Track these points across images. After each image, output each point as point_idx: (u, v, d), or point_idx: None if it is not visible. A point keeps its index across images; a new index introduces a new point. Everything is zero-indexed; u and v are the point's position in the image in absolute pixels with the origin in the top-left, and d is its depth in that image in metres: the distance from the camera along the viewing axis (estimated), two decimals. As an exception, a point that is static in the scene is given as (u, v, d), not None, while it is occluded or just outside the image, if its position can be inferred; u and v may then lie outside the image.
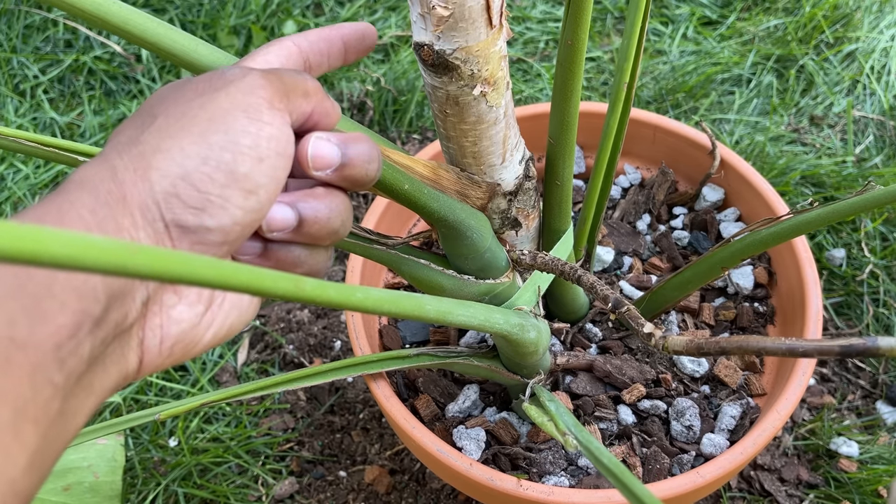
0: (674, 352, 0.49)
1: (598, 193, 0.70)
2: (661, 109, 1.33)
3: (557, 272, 0.62)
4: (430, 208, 0.54)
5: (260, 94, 0.38)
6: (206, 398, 0.62)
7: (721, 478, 0.66)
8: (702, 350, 0.47)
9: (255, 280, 0.28)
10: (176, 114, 0.37)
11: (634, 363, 0.77)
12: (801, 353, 0.41)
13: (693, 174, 0.95)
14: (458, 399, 0.78)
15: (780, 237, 0.63)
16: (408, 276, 0.61)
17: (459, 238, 0.58)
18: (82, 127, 1.35)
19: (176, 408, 0.62)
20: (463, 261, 0.60)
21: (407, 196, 0.51)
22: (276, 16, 1.48)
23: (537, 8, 1.52)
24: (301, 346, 1.07)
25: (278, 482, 0.95)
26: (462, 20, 0.47)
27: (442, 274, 0.61)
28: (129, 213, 0.35)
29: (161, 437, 0.99)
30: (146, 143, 0.36)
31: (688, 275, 0.71)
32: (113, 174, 0.35)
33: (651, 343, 0.52)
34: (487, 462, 0.74)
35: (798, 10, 1.47)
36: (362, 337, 0.76)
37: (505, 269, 0.63)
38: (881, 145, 1.27)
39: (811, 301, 0.76)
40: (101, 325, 0.33)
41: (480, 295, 0.62)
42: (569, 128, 0.59)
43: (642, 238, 0.92)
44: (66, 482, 0.75)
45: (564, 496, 0.63)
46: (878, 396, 1.01)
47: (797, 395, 0.69)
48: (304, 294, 0.31)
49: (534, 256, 0.64)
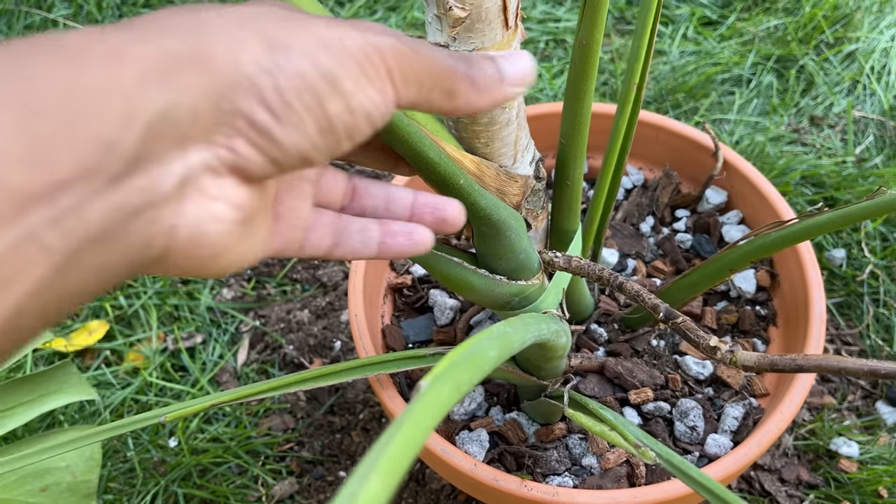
0: (743, 367, 0.48)
1: (605, 194, 0.70)
2: (661, 109, 1.33)
3: (594, 277, 0.61)
4: (479, 205, 0.52)
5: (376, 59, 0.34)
6: (216, 399, 0.61)
7: (725, 479, 0.66)
8: (775, 367, 0.45)
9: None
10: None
11: (646, 368, 0.77)
12: (882, 374, 0.40)
13: (696, 175, 0.95)
14: (464, 401, 0.78)
15: (790, 240, 0.62)
16: (438, 273, 0.60)
17: (498, 237, 0.56)
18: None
19: (184, 409, 0.60)
20: (497, 261, 0.59)
21: (459, 191, 0.50)
22: (276, 15, 1.47)
23: (537, 8, 1.52)
24: (301, 346, 1.07)
25: (278, 482, 0.95)
26: (479, 21, 0.46)
27: (475, 273, 0.59)
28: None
29: (161, 437, 0.99)
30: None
31: (695, 277, 0.71)
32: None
33: (716, 357, 0.50)
34: (493, 461, 0.74)
35: (798, 11, 1.47)
36: (366, 337, 0.76)
37: (536, 271, 0.62)
38: (881, 145, 1.27)
39: (815, 303, 0.76)
40: (118, 185, 0.28)
41: (511, 296, 0.61)
42: (581, 128, 0.58)
43: (645, 240, 0.91)
44: (43, 483, 0.74)
45: (569, 497, 0.63)
46: (878, 397, 1.01)
47: (801, 396, 0.69)
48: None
49: (568, 260, 0.62)
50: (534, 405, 0.76)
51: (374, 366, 0.67)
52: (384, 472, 0.25)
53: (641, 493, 0.64)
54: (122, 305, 1.12)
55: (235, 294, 1.13)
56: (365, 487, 0.24)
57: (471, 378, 0.35)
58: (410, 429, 0.28)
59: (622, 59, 1.41)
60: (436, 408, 0.31)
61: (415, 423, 0.28)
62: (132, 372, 1.06)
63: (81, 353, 1.08)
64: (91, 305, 1.12)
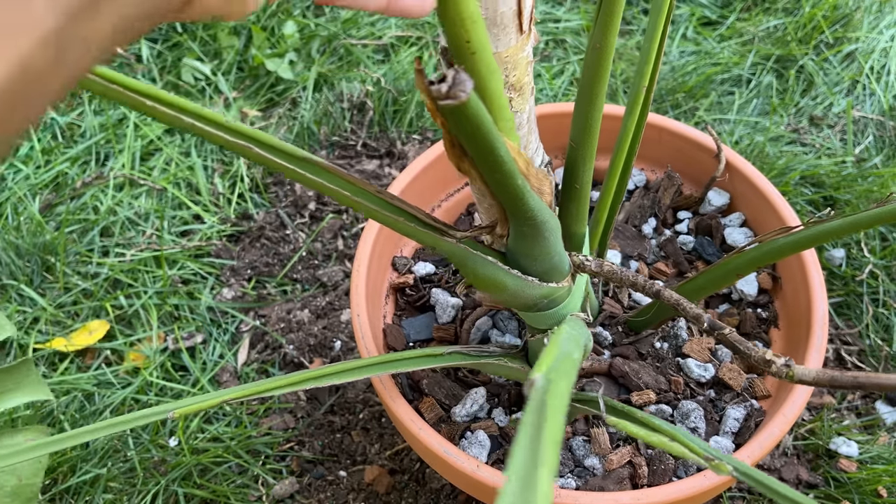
0: (800, 382, 0.46)
1: (611, 196, 0.70)
2: (660, 110, 1.33)
3: (628, 284, 0.60)
4: (528, 206, 0.51)
5: None
6: (225, 395, 0.60)
7: (727, 481, 0.66)
8: (835, 383, 0.44)
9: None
10: None
11: (652, 371, 0.77)
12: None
13: (698, 177, 0.95)
14: (466, 402, 0.78)
15: (798, 247, 0.62)
16: (471, 271, 0.59)
17: (537, 238, 0.56)
18: (83, 127, 1.34)
19: (192, 405, 0.59)
20: (531, 262, 0.58)
21: (515, 191, 0.49)
22: (277, 16, 1.47)
23: (537, 8, 1.52)
24: (301, 346, 1.07)
25: (278, 482, 0.95)
26: (494, 26, 0.46)
27: (508, 273, 0.59)
28: None
29: (161, 436, 0.99)
30: None
31: (701, 281, 0.71)
32: None
33: (771, 371, 0.48)
34: (496, 462, 0.74)
35: (798, 11, 1.47)
36: (368, 337, 0.76)
37: (566, 274, 0.61)
38: (881, 145, 1.28)
39: (817, 306, 0.76)
40: None
41: (540, 298, 0.61)
42: (591, 131, 0.58)
43: (648, 242, 0.91)
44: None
45: (572, 499, 0.63)
46: (877, 396, 1.01)
47: (803, 398, 0.69)
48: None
49: (600, 264, 0.62)
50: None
51: (397, 362, 0.66)
52: (548, 463, 0.28)
53: (644, 495, 0.64)
54: (122, 305, 1.12)
55: (236, 294, 1.13)
56: (539, 478, 0.27)
57: (571, 375, 0.37)
58: (553, 420, 0.31)
59: (622, 58, 1.41)
60: (562, 399, 0.33)
61: (554, 414, 0.31)
62: (132, 372, 1.06)
63: (82, 353, 1.08)
64: (91, 305, 1.11)
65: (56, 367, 1.06)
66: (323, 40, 1.45)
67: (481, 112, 0.41)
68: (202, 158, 1.29)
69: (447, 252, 0.57)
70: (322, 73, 1.39)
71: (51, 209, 1.24)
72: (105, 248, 1.19)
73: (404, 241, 0.93)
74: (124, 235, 1.20)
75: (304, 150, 1.29)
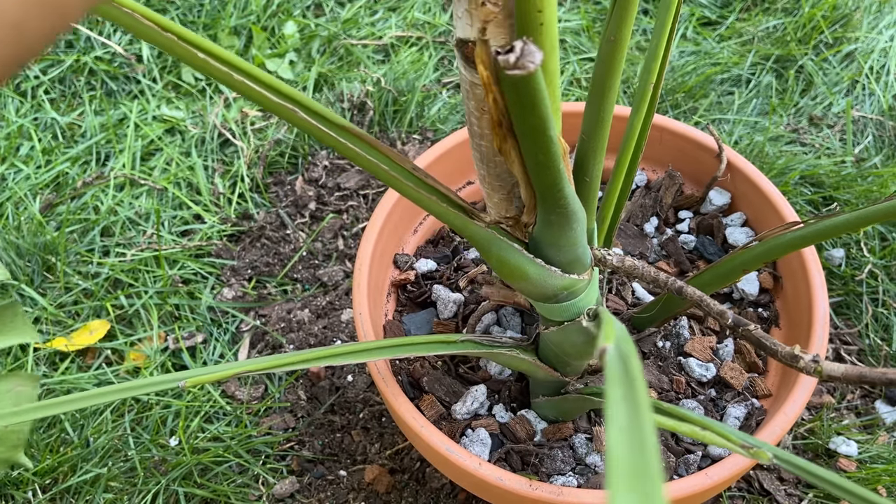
0: (829, 378, 0.46)
1: (617, 193, 0.69)
2: (660, 110, 1.33)
3: (649, 279, 0.60)
4: (563, 192, 0.51)
5: None
6: (239, 367, 0.59)
7: (728, 479, 0.66)
8: (864, 379, 0.43)
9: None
10: None
11: (655, 370, 0.77)
12: None
13: (699, 177, 0.95)
14: (466, 399, 0.78)
15: (804, 242, 0.62)
16: (495, 257, 0.59)
17: (565, 227, 0.55)
18: (83, 127, 1.34)
19: (204, 376, 0.58)
20: (556, 251, 0.58)
21: (556, 175, 0.48)
22: (277, 16, 1.47)
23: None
24: (301, 345, 1.07)
25: (278, 481, 0.95)
26: (510, 17, 0.46)
27: (532, 262, 0.58)
28: None
29: (161, 436, 0.99)
30: None
31: (706, 278, 0.71)
32: None
33: (798, 367, 0.48)
34: (499, 460, 0.74)
35: (797, 11, 1.47)
36: (370, 336, 0.76)
37: (587, 266, 0.61)
38: (880, 145, 1.28)
39: (818, 305, 0.76)
40: None
41: (561, 289, 0.60)
42: (603, 125, 0.58)
43: (649, 241, 0.92)
44: (-30, 430, 0.71)
45: (574, 496, 0.63)
46: (877, 396, 1.01)
47: (804, 397, 0.69)
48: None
49: (621, 259, 0.61)
50: (555, 402, 0.75)
51: (413, 346, 0.66)
52: (647, 425, 0.28)
53: (645, 493, 0.64)
54: (122, 305, 1.12)
55: (236, 294, 1.13)
56: (647, 449, 0.26)
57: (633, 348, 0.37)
58: (640, 384, 0.30)
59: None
60: (639, 364, 0.33)
61: (639, 378, 0.31)
62: (133, 371, 1.06)
63: (82, 353, 1.08)
64: (92, 305, 1.12)
65: (57, 367, 1.06)
66: (323, 40, 1.45)
67: (543, 87, 0.40)
68: (202, 158, 1.29)
69: (474, 235, 0.58)
70: (322, 73, 1.39)
71: (51, 209, 1.24)
72: (105, 247, 1.19)
73: (406, 238, 0.94)
74: (125, 235, 1.20)
75: (305, 147, 1.28)
